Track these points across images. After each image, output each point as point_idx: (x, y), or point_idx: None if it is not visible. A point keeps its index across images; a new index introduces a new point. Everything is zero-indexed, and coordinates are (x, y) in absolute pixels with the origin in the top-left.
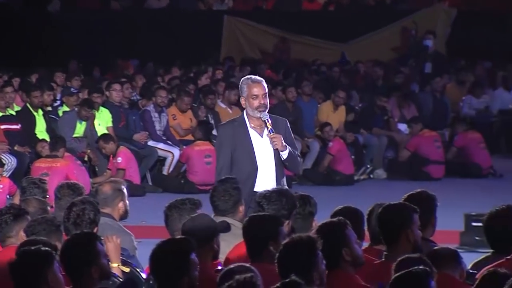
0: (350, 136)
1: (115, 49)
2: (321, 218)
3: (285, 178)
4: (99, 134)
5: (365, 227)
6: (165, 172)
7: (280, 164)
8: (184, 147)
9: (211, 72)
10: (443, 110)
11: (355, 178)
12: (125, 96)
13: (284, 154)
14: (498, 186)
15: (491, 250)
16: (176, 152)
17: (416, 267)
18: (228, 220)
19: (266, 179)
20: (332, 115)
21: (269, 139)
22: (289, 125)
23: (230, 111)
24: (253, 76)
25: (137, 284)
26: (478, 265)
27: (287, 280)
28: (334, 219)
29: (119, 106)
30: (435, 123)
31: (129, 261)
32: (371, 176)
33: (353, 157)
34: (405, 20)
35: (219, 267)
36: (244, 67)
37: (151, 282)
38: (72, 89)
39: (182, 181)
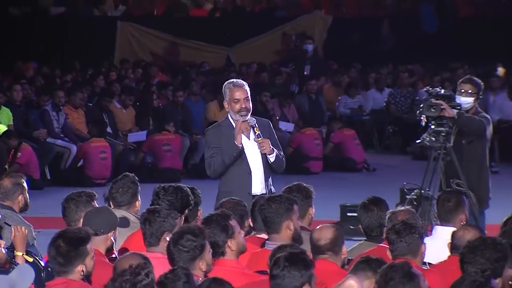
0: None
1: (15, 52)
2: (209, 209)
3: (270, 178)
4: (0, 132)
5: (249, 218)
6: (62, 167)
7: (267, 166)
8: (81, 143)
9: (106, 74)
10: (318, 109)
11: None
12: (25, 96)
13: (272, 158)
14: (371, 179)
15: (364, 238)
16: (73, 148)
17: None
18: (124, 212)
19: (256, 181)
20: (219, 113)
21: (257, 143)
22: (272, 126)
23: (124, 111)
24: (235, 80)
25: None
26: (352, 252)
27: (175, 267)
28: (219, 211)
29: (20, 105)
30: (312, 122)
31: (29, 249)
32: None
33: None
34: (285, 26)
35: (114, 255)
36: (137, 69)
37: (49, 269)
38: None
39: (79, 175)
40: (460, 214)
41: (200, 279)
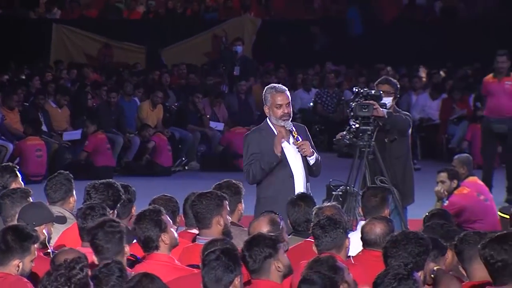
0: (167, 132)
1: None
2: (141, 207)
3: (309, 183)
4: None
5: (181, 213)
6: None
7: (307, 169)
8: (17, 141)
9: (42, 74)
10: (247, 109)
11: (172, 169)
12: None
13: (312, 160)
14: None
15: (292, 233)
16: (10, 146)
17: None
18: (59, 208)
19: (298, 185)
20: (151, 113)
21: (296, 146)
22: (308, 131)
23: (60, 111)
24: (277, 86)
25: None
26: None
27: (108, 262)
28: (151, 207)
29: None
30: (242, 121)
31: None
32: (186, 167)
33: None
34: (216, 28)
35: (49, 250)
36: (71, 70)
37: None
38: None
39: None
40: (384, 210)
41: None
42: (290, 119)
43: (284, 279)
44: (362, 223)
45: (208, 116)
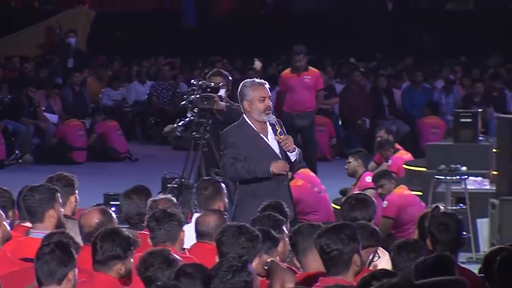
0: (0, 125)
1: None
2: None
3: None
4: None
5: (15, 208)
6: None
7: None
8: None
9: None
10: (82, 101)
11: (6, 163)
12: None
13: (293, 156)
14: (134, 168)
15: (127, 226)
16: None
17: None
18: None
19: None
20: None
21: (278, 141)
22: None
23: None
24: (256, 79)
25: None
26: None
27: None
28: None
29: None
30: (76, 113)
31: None
32: (20, 161)
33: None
34: (50, 20)
35: None
36: None
37: None
38: None
39: None
40: (218, 202)
41: None
42: (271, 112)
43: None
44: (196, 215)
45: (43, 108)
